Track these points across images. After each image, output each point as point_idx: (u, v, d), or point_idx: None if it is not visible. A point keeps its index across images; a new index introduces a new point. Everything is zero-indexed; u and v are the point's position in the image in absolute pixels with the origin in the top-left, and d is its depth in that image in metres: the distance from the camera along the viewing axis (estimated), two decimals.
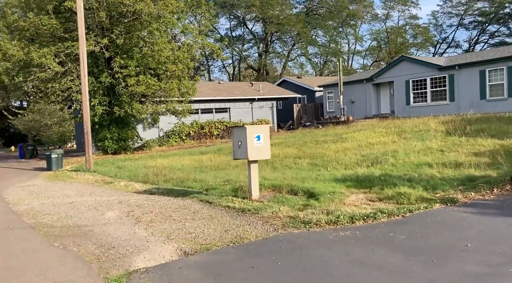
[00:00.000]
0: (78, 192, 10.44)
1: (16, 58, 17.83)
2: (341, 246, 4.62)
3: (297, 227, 5.46)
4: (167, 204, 7.90)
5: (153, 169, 13.46)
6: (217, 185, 9.37)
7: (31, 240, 5.84)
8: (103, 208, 7.96)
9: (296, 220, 5.73)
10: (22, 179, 14.53)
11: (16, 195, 10.38)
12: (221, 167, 13.00)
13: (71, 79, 19.64)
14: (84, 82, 15.27)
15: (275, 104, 32.13)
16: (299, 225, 5.52)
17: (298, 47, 45.92)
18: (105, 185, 11.56)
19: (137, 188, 10.38)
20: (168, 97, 21.32)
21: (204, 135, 27.83)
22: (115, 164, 16.58)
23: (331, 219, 5.54)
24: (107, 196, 9.51)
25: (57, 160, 17.45)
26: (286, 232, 5.31)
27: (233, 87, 33.55)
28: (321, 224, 5.43)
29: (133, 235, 5.81)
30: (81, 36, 15.11)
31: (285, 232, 5.31)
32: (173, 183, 10.45)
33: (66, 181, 13.11)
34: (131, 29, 20.24)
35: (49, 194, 10.34)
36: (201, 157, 16.76)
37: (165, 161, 15.89)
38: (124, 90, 20.87)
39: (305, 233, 5.20)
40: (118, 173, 13.48)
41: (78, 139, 31.99)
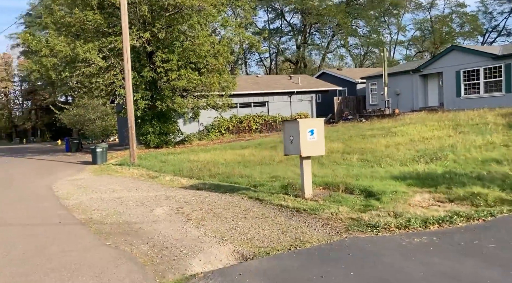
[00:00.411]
0: (124, 186, 10.39)
1: (62, 54, 18.21)
2: (419, 254, 4.10)
3: (363, 231, 4.97)
4: (216, 200, 7.62)
5: (196, 164, 13.31)
6: (264, 181, 9.00)
7: (83, 237, 5.70)
8: (152, 204, 7.78)
9: (360, 222, 5.24)
10: (70, 172, 14.82)
11: (65, 189, 10.48)
12: (265, 162, 12.62)
13: (114, 74, 19.88)
14: (127, 76, 15.32)
15: (314, 97, 31.38)
16: (365, 229, 5.03)
17: (338, 38, 44.70)
18: (150, 179, 11.49)
19: (183, 183, 10.20)
20: (209, 92, 21.18)
21: (243, 130, 27.60)
22: (158, 158, 16.61)
23: (401, 222, 5.01)
24: (153, 191, 9.37)
25: (102, 153, 17.73)
26: (351, 236, 4.84)
27: (271, 80, 33.08)
28: (391, 228, 4.92)
29: (185, 235, 5.54)
30: (124, 30, 15.13)
31: (350, 236, 4.84)
32: (219, 178, 10.19)
33: (111, 175, 13.20)
34: (172, 22, 20.18)
35: (96, 188, 10.36)
36: (242, 151, 16.47)
37: (207, 155, 15.73)
38: (165, 84, 20.91)
39: (374, 238, 4.71)
40: (162, 167, 13.43)
41: (121, 133, 32.67)
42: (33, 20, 45.74)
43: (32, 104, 67.25)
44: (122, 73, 20.13)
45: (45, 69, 20.44)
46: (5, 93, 67.42)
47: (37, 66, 20.60)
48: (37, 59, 21.07)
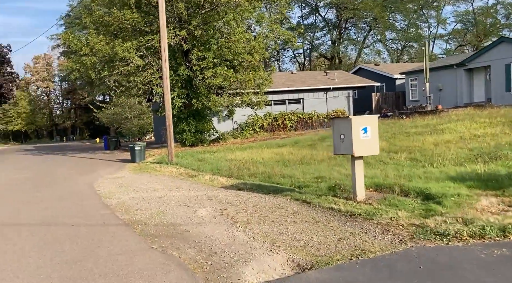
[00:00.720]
0: (164, 185, 10.28)
1: (102, 53, 18.48)
2: (505, 270, 3.62)
3: (430, 239, 4.51)
4: (260, 202, 7.30)
5: (234, 162, 13.08)
6: (308, 181, 8.60)
7: (128, 240, 5.53)
8: (194, 204, 7.57)
9: (426, 229, 4.77)
10: (110, 170, 14.97)
11: (107, 188, 10.49)
12: (305, 161, 12.20)
13: (151, 72, 19.99)
14: (165, 74, 15.29)
15: (351, 93, 30.52)
16: (432, 237, 4.55)
17: (375, 33, 43.33)
18: (190, 178, 11.34)
19: (223, 183, 9.97)
20: (244, 89, 20.94)
21: (278, 127, 27.22)
22: (195, 156, 16.53)
23: (474, 230, 4.50)
24: (194, 190, 9.18)
25: (140, 152, 17.86)
26: (418, 245, 4.39)
27: (306, 77, 32.48)
28: (463, 237, 4.42)
29: (233, 239, 5.25)
30: (162, 27, 15.09)
31: (417, 245, 4.39)
32: (260, 178, 9.89)
33: (151, 173, 13.19)
34: (208, 20, 20.08)
35: (137, 187, 10.31)
36: (280, 149, 16.12)
37: (244, 154, 15.48)
38: (201, 82, 20.86)
39: (445, 248, 4.24)
40: (200, 166, 13.28)
41: (157, 131, 33.09)
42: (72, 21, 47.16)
43: (71, 103, 69.66)
44: (159, 72, 20.24)
45: (85, 69, 20.85)
46: (46, 92, 70.17)
47: (77, 66, 21.04)
48: (77, 59, 21.53)
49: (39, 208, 8.17)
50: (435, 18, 46.88)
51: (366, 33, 44.12)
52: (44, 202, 8.88)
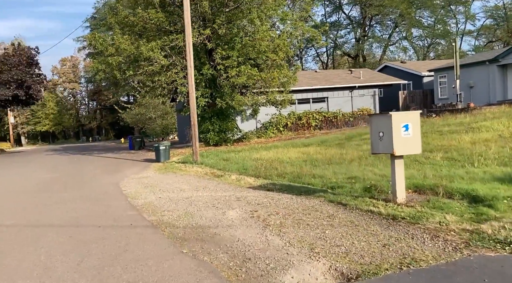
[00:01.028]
0: (191, 185, 10.06)
1: (127, 52, 18.51)
2: None
3: (490, 248, 4.06)
4: (291, 203, 6.96)
5: (260, 162, 12.77)
6: (341, 182, 8.20)
7: (156, 243, 5.28)
8: (222, 205, 7.29)
9: (483, 236, 4.32)
10: (135, 170, 14.91)
11: (133, 188, 10.36)
12: (335, 160, 11.77)
13: (176, 72, 19.90)
14: (190, 74, 15.12)
15: (377, 92, 29.75)
16: (492, 245, 4.11)
17: (400, 30, 42.20)
18: (216, 178, 11.09)
19: (250, 183, 9.67)
20: (269, 88, 20.61)
21: (302, 127, 26.78)
22: (219, 156, 16.31)
23: None
24: (221, 191, 8.91)
25: (165, 151, 17.78)
26: (476, 255, 3.95)
27: (330, 75, 31.89)
28: None
29: (267, 243, 4.93)
30: (187, 26, 14.92)
31: (475, 254, 3.96)
32: (289, 178, 9.53)
33: (176, 173, 13.02)
34: (232, 18, 19.85)
35: (163, 187, 10.12)
36: (306, 149, 15.72)
37: (269, 153, 15.15)
38: (225, 82, 20.65)
39: (510, 259, 3.79)
40: (226, 165, 13.03)
41: (180, 131, 33.16)
42: (97, 23, 47.97)
43: (97, 104, 71.00)
44: (183, 71, 20.15)
45: (110, 69, 20.98)
46: (73, 94, 71.78)
47: (103, 66, 21.19)
48: (102, 59, 21.69)
49: (66, 208, 8.06)
50: (463, 14, 45.38)
51: (392, 30, 43.06)
52: (71, 202, 8.78)
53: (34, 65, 33.35)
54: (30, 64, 32.80)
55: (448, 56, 41.01)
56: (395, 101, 31.25)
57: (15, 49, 32.64)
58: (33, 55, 33.11)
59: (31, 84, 31.97)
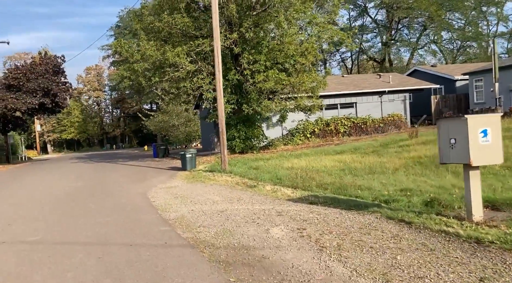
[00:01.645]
0: (223, 196, 9.37)
1: (153, 59, 18.12)
2: None
3: None
4: (343, 220, 6.16)
5: (294, 171, 11.99)
6: (393, 195, 7.35)
7: (197, 268, 4.58)
8: (263, 221, 6.55)
9: None
10: (162, 179, 14.36)
11: (162, 198, 9.75)
12: (376, 169, 10.89)
13: (202, 77, 19.40)
14: (218, 78, 14.54)
15: (407, 96, 28.59)
16: None
17: (429, 33, 40.76)
18: (249, 188, 10.37)
19: (288, 194, 8.90)
20: (297, 93, 19.85)
21: (330, 133, 25.86)
22: (248, 164, 15.63)
23: None
24: (258, 203, 8.18)
25: (191, 159, 17.22)
26: None
27: (359, 80, 30.89)
28: None
29: (328, 272, 4.16)
30: (215, 29, 14.36)
31: None
32: (331, 189, 8.72)
33: (205, 182, 12.38)
34: (260, 21, 19.24)
35: (194, 198, 9.47)
36: (340, 157, 14.87)
37: (301, 162, 14.36)
38: (251, 87, 20.04)
39: None
40: (257, 174, 12.30)
41: (204, 138, 32.72)
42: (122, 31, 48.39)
43: (120, 112, 71.76)
44: (209, 77, 19.65)
45: (136, 76, 20.69)
46: (97, 102, 72.80)
47: (128, 73, 20.93)
48: (127, 66, 21.44)
49: (94, 222, 7.48)
50: (495, 16, 43.57)
51: (420, 33, 41.64)
52: (98, 214, 8.22)
53: (60, 74, 33.58)
54: (56, 72, 33.04)
55: (480, 59, 39.34)
56: (426, 106, 30.00)
57: (41, 58, 32.95)
58: (59, 63, 33.35)
59: (57, 92, 32.15)
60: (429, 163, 10.70)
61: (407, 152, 13.55)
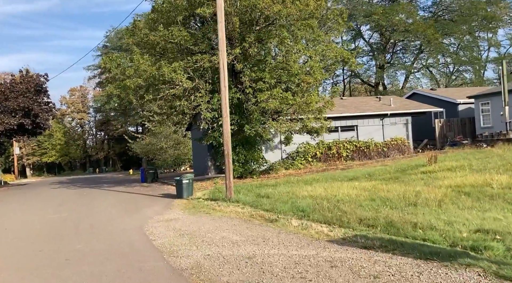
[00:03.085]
0: (242, 235, 7.61)
1: (147, 74, 16.49)
2: None
3: None
4: (432, 278, 4.50)
5: (315, 201, 10.33)
6: (474, 238, 5.74)
7: None
8: (316, 276, 4.84)
9: None
10: (157, 209, 12.49)
11: (164, 236, 7.93)
12: (413, 201, 9.31)
13: (200, 95, 17.82)
14: (224, 95, 12.95)
15: (410, 120, 27.54)
16: None
17: (425, 56, 40.37)
18: (269, 223, 8.63)
19: (325, 233, 7.21)
20: (303, 113, 18.41)
21: (332, 157, 24.40)
22: (253, 191, 13.93)
23: None
24: (293, 246, 6.46)
25: (188, 186, 15.38)
26: None
27: (358, 102, 29.80)
28: None
29: None
30: (221, 41, 12.87)
31: None
32: (379, 227, 7.07)
33: (211, 214, 10.58)
34: (263, 36, 17.93)
35: (204, 236, 7.69)
36: (357, 184, 13.28)
37: (316, 189, 12.70)
38: (253, 107, 18.53)
39: None
40: (272, 205, 10.57)
41: (196, 162, 30.81)
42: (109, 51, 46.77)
43: (104, 134, 69.31)
44: (207, 95, 18.12)
45: (126, 94, 19.00)
46: (81, 124, 70.26)
47: (118, 91, 19.20)
48: (117, 84, 19.75)
49: (82, 274, 5.63)
50: (487, 41, 43.69)
51: (415, 57, 41.23)
52: (88, 261, 6.36)
53: (42, 93, 31.62)
54: (39, 91, 31.07)
55: (476, 83, 39.00)
56: (426, 130, 29.04)
57: (22, 76, 31.02)
58: (42, 82, 31.44)
59: (39, 113, 30.08)
60: (477, 193, 9.22)
61: (436, 179, 12.09)
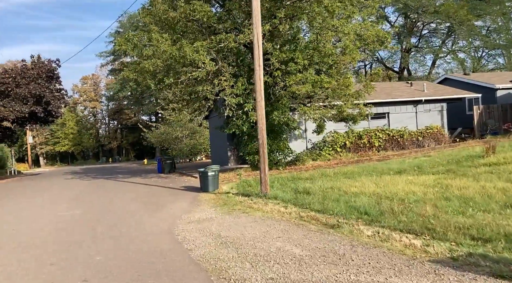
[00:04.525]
0: (304, 247, 5.96)
1: (167, 55, 14.84)
2: None
3: None
4: None
5: (378, 200, 8.64)
6: None
7: None
8: None
9: None
10: (183, 205, 10.93)
11: (201, 244, 6.34)
12: (500, 199, 7.57)
13: (224, 79, 16.15)
14: (258, 75, 11.21)
15: (445, 106, 25.50)
16: None
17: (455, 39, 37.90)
18: (329, 229, 6.96)
19: (419, 247, 5.50)
20: (338, 98, 16.63)
21: (363, 147, 22.58)
22: (287, 185, 12.32)
23: None
24: (387, 270, 4.78)
25: (214, 178, 13.80)
26: None
27: (388, 88, 27.79)
28: None
29: None
30: (255, 9, 11.05)
31: None
32: (500, 241, 5.35)
33: (249, 214, 8.95)
34: (294, 12, 16.10)
35: (254, 247, 6.06)
36: (409, 178, 11.55)
37: (365, 184, 11.01)
38: (282, 92, 16.81)
39: None
40: (322, 204, 8.90)
41: (214, 152, 29.28)
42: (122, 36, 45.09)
43: (117, 123, 68.23)
44: (232, 79, 16.46)
45: (143, 78, 17.41)
46: (93, 113, 69.28)
47: (134, 75, 17.62)
48: (134, 67, 18.18)
49: None
50: None
51: (444, 40, 38.79)
52: (110, 279, 4.79)
53: (54, 80, 30.27)
54: (50, 78, 29.73)
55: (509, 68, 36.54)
56: (459, 118, 27.02)
57: (34, 62, 29.65)
58: (54, 68, 30.07)
59: (51, 100, 28.77)
60: None
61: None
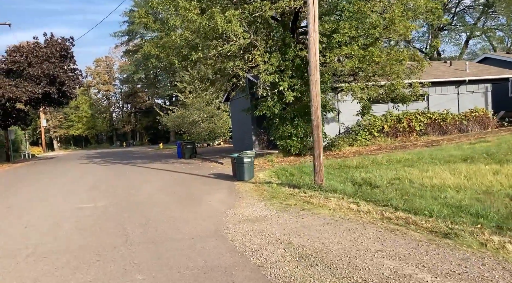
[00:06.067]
0: (431, 271, 4.25)
1: (196, 25, 13.01)
2: None
3: None
4: None
5: (481, 196, 6.88)
6: None
7: None
8: None
9: None
10: (221, 197, 9.28)
11: (273, 258, 4.69)
12: None
13: (258, 54, 14.31)
14: (313, 41, 9.32)
15: (489, 88, 23.34)
16: None
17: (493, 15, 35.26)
18: (445, 239, 5.22)
19: None
20: (387, 75, 14.69)
21: (402, 131, 20.64)
22: (338, 175, 10.59)
23: None
24: None
25: (250, 165, 12.12)
26: None
27: (427, 68, 25.58)
28: None
29: None
30: None
31: None
32: None
33: (312, 212, 7.22)
34: None
35: (354, 266, 4.37)
36: (486, 167, 9.74)
37: (439, 174, 9.24)
38: (322, 68, 14.91)
39: None
40: (404, 200, 7.16)
41: (237, 136, 27.58)
42: None
43: (131, 107, 66.86)
44: (265, 55, 14.63)
45: (166, 54, 15.67)
46: (107, 96, 67.96)
47: (156, 50, 15.86)
48: (156, 42, 16.44)
49: None
50: None
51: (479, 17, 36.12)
52: None
53: (68, 59, 28.67)
54: (64, 57, 28.13)
55: None
56: (502, 100, 24.85)
57: (47, 40, 28.04)
58: (68, 47, 28.43)
59: (65, 80, 27.23)
60: None
61: None
